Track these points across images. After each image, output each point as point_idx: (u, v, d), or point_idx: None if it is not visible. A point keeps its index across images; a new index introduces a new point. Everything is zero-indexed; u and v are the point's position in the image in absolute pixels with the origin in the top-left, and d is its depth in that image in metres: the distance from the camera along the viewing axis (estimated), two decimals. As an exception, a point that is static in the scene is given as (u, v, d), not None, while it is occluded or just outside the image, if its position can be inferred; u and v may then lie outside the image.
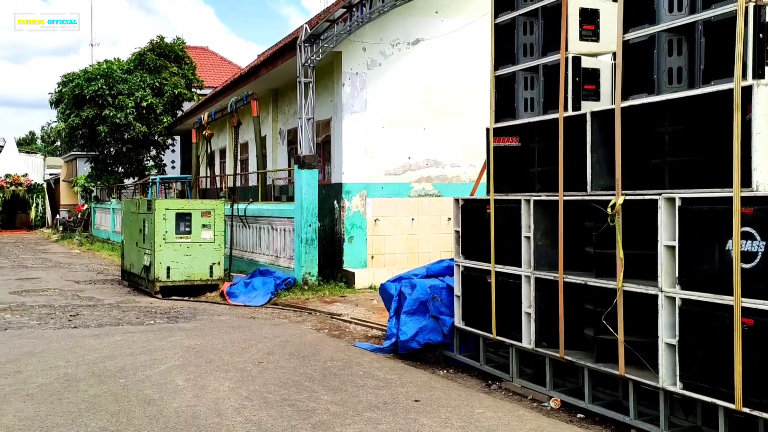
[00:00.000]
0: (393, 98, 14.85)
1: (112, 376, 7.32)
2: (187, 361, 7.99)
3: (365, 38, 14.42)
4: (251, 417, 5.91)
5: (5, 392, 6.67)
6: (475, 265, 7.36)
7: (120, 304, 12.81)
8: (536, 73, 6.61)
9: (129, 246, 15.84)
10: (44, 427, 5.64)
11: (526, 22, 6.73)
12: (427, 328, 8.03)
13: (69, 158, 43.20)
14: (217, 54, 42.60)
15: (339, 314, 11.26)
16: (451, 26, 14.65)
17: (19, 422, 5.75)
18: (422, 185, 15.09)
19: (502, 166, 7.03)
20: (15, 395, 6.57)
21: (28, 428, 5.61)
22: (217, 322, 10.96)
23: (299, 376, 7.35)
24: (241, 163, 23.02)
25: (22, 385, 6.95)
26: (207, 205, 14.40)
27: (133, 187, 30.72)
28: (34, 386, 6.90)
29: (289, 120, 18.76)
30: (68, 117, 29.02)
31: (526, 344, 6.57)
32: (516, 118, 6.83)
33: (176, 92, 29.31)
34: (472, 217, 7.53)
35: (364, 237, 14.58)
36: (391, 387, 6.94)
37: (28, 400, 6.42)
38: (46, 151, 57.29)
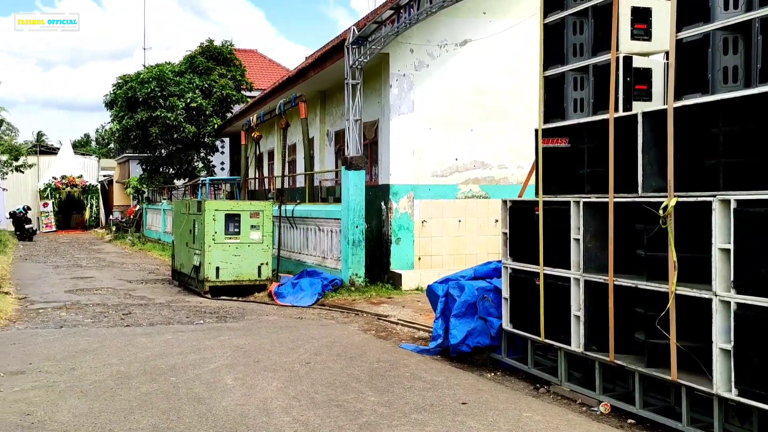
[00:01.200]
0: (440, 99, 14.81)
1: (163, 374, 7.44)
2: (236, 361, 8.08)
3: (413, 39, 14.42)
4: (299, 417, 5.95)
5: (61, 388, 6.84)
6: (524, 267, 7.29)
7: (170, 303, 13.03)
8: (586, 73, 6.52)
9: (179, 246, 16.09)
10: (98, 424, 5.76)
11: (575, 22, 6.65)
12: (476, 331, 7.99)
13: (122, 160, 44.07)
14: (266, 56, 43.00)
15: (386, 315, 11.27)
16: (499, 27, 14.56)
17: (73, 418, 5.89)
18: (469, 187, 15.02)
19: (551, 167, 6.95)
20: (70, 391, 6.73)
21: (82, 424, 5.74)
22: (265, 322, 11.06)
23: (346, 376, 7.38)
24: (289, 164, 23.21)
25: (77, 381, 7.11)
26: (255, 206, 14.55)
27: (183, 188, 31.21)
28: (88, 383, 7.05)
29: (337, 121, 18.86)
30: (122, 119, 29.65)
31: (575, 347, 6.49)
32: (565, 119, 6.75)
33: (225, 94, 29.70)
34: (520, 219, 7.46)
35: (411, 238, 14.57)
36: (438, 389, 6.91)
37: (83, 396, 6.57)
38: (100, 153, 58.57)
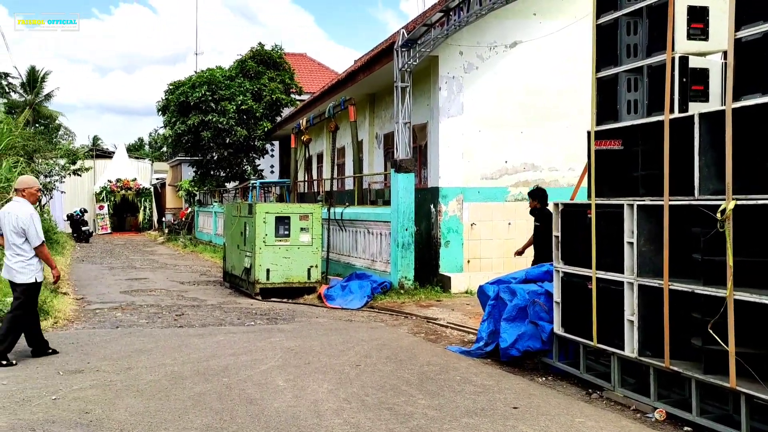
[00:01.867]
0: (490, 101, 14.74)
1: (215, 374, 7.55)
2: (287, 362, 8.15)
3: (462, 42, 14.37)
4: (350, 419, 5.97)
5: (117, 387, 6.99)
6: (575, 270, 7.21)
7: (222, 305, 13.20)
8: (640, 74, 6.42)
9: (230, 248, 16.30)
10: (153, 423, 5.86)
11: (629, 22, 6.55)
12: (526, 335, 7.92)
13: (174, 163, 44.85)
14: (315, 60, 43.33)
15: (435, 318, 11.25)
16: (550, 28, 14.43)
17: (130, 417, 6.01)
18: (519, 189, 14.91)
19: (604, 169, 6.86)
20: (126, 391, 6.87)
21: (138, 423, 5.85)
22: (314, 324, 11.13)
23: (396, 379, 7.38)
24: (338, 167, 23.34)
25: (133, 381, 7.26)
26: (305, 209, 14.66)
27: (233, 191, 31.62)
28: (144, 382, 7.19)
29: (386, 124, 18.90)
30: (174, 124, 30.19)
31: (628, 353, 6.38)
32: (619, 120, 6.65)
33: (274, 98, 30.02)
34: (571, 222, 7.38)
35: (461, 241, 14.52)
36: (488, 393, 6.87)
37: (138, 395, 6.70)
38: (153, 156, 59.73)
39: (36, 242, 8.50)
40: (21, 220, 8.42)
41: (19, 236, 8.44)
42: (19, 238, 8.45)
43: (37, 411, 6.16)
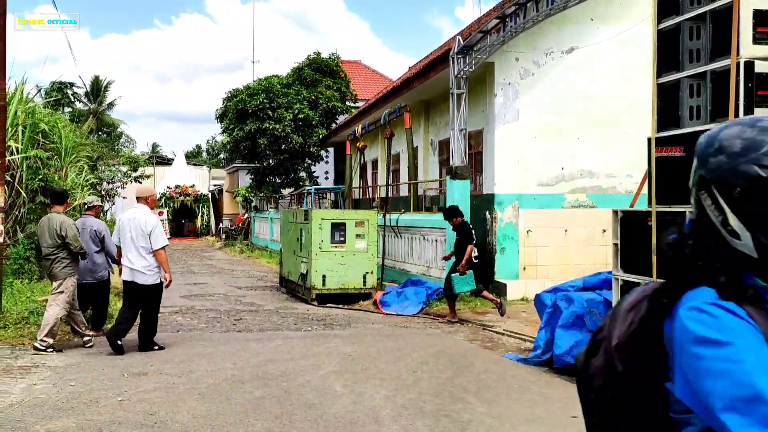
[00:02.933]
0: (546, 108, 14.63)
1: (274, 379, 7.66)
2: (344, 368, 8.22)
3: (518, 48, 14.31)
4: (408, 426, 6.00)
5: (180, 390, 7.15)
6: (636, 279, 7.11)
7: (279, 310, 13.37)
8: (703, 79, 6.32)
9: (287, 254, 16.49)
10: (215, 426, 5.99)
11: (692, 27, 6.45)
12: (582, 343, 7.82)
13: (231, 170, 45.56)
14: (370, 67, 43.62)
15: (491, 325, 11.21)
16: (608, 33, 14.27)
17: (192, 419, 6.15)
18: (576, 196, 14.75)
19: (665, 176, 6.76)
20: (189, 394, 7.02)
21: (201, 426, 5.98)
22: (371, 330, 11.19)
23: (454, 386, 7.38)
24: (393, 173, 23.41)
25: (194, 384, 7.41)
26: (360, 215, 14.75)
27: (289, 197, 32.00)
28: (205, 386, 7.34)
29: (441, 131, 18.91)
30: (232, 131, 30.73)
31: (691, 363, 6.26)
32: (680, 127, 6.55)
33: (330, 105, 30.31)
34: (631, 230, 7.29)
35: (516, 248, 14.43)
36: (547, 401, 6.83)
37: (200, 398, 6.85)
38: (210, 163, 60.82)
39: (161, 244, 9.25)
40: (149, 225, 9.17)
41: (145, 240, 9.14)
42: (145, 242, 9.14)
43: (104, 412, 6.34)
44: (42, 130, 16.68)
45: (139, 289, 9.20)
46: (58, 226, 9.22)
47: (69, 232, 9.22)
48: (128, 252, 9.22)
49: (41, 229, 9.49)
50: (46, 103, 28.29)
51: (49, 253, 9.27)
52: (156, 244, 9.20)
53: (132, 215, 9.34)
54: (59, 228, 9.21)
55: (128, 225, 9.24)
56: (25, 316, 10.30)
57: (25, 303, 11.07)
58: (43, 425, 5.94)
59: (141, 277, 9.16)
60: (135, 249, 9.15)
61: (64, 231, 9.18)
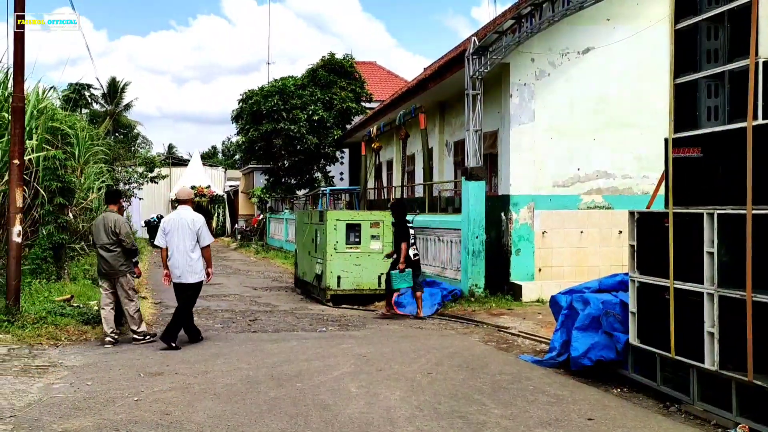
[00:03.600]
0: (561, 109, 14.57)
1: (289, 379, 7.67)
2: (359, 369, 8.22)
3: (534, 48, 14.26)
4: (422, 427, 5.99)
5: (195, 390, 7.18)
6: (652, 280, 7.06)
7: (294, 310, 13.40)
8: (721, 80, 6.26)
9: (302, 255, 16.53)
10: (230, 426, 6.00)
11: (710, 27, 6.40)
12: (599, 345, 7.80)
13: (247, 171, 45.72)
14: (384, 68, 43.61)
15: (506, 327, 11.17)
16: (624, 33, 14.18)
17: (208, 419, 6.17)
18: (592, 197, 14.68)
19: (682, 177, 6.71)
20: (204, 394, 7.05)
21: (216, 426, 6.00)
22: (385, 331, 11.19)
23: (468, 388, 7.36)
24: (408, 174, 23.41)
25: (210, 384, 7.44)
26: (376, 216, 14.76)
27: (304, 198, 32.07)
28: (220, 386, 7.36)
29: (456, 132, 18.88)
30: (247, 132, 30.84)
31: (708, 365, 6.21)
32: (698, 127, 6.50)
33: (345, 106, 30.34)
34: (648, 231, 7.24)
35: (532, 249, 14.38)
36: (562, 404, 6.79)
37: (215, 399, 6.87)
38: (226, 164, 61.03)
39: (208, 242, 9.98)
40: (196, 223, 9.84)
41: (192, 240, 9.76)
42: (192, 241, 9.76)
43: (121, 411, 6.38)
44: (62, 132, 16.83)
45: (186, 288, 9.84)
46: (112, 224, 9.82)
47: (122, 229, 9.84)
48: (176, 253, 9.76)
49: (96, 228, 10.00)
50: (63, 104, 28.50)
51: (107, 250, 9.83)
52: (203, 241, 9.87)
53: (181, 215, 9.91)
54: (114, 225, 9.80)
55: (176, 226, 9.81)
56: (43, 315, 10.38)
57: (43, 303, 11.16)
58: (60, 424, 5.97)
59: (187, 277, 9.78)
60: (183, 249, 9.74)
61: (118, 228, 9.79)
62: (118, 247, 9.85)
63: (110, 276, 9.91)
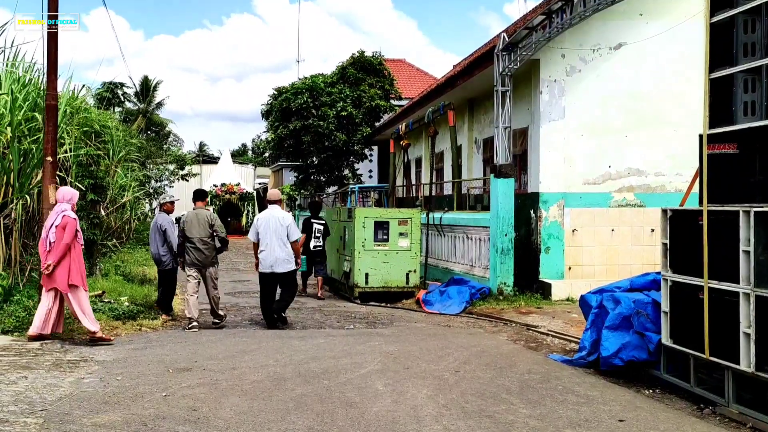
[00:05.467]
0: (592, 105, 14.39)
1: (316, 377, 7.65)
2: (386, 367, 8.18)
3: (564, 44, 14.10)
4: (449, 426, 5.93)
5: (223, 387, 7.18)
6: (686, 279, 6.92)
7: (321, 308, 13.39)
8: (758, 74, 6.11)
9: (330, 252, 16.52)
10: (257, 422, 5.99)
11: (746, 20, 6.25)
12: (630, 345, 7.67)
13: (276, 168, 45.96)
14: (414, 66, 43.54)
15: (535, 326, 11.05)
16: (657, 29, 13.96)
17: (235, 416, 6.16)
18: (623, 195, 14.49)
19: (717, 174, 6.56)
20: (231, 390, 7.05)
21: (243, 422, 5.99)
22: (413, 329, 11.14)
23: (496, 387, 7.28)
24: (437, 172, 23.32)
25: (237, 381, 7.44)
26: (404, 214, 14.71)
27: (333, 195, 32.09)
28: (248, 383, 7.36)
29: (485, 129, 18.75)
30: (277, 128, 30.95)
31: (744, 367, 6.07)
32: (734, 123, 6.35)
33: (374, 104, 30.31)
34: (681, 229, 7.10)
35: (561, 248, 14.22)
36: (592, 404, 6.68)
37: (243, 395, 6.87)
38: (255, 161, 61.34)
39: (297, 236, 11.41)
40: (285, 220, 11.18)
41: (282, 234, 11.01)
42: (283, 236, 11.01)
43: (149, 407, 6.40)
44: (95, 130, 17.01)
45: (278, 276, 11.06)
46: (209, 218, 11.05)
47: (217, 222, 11.15)
48: (269, 245, 11.01)
49: (190, 223, 11.03)
50: (97, 102, 28.82)
51: (202, 243, 10.99)
52: (293, 236, 11.16)
53: (270, 214, 11.21)
54: (209, 219, 11.04)
55: (269, 222, 11.10)
56: (74, 310, 10.46)
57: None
58: (90, 418, 6.01)
59: (280, 266, 10.99)
60: (276, 242, 11.00)
61: (213, 221, 11.05)
62: (212, 240, 11.07)
63: (201, 266, 11.03)
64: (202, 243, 10.98)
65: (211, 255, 11.08)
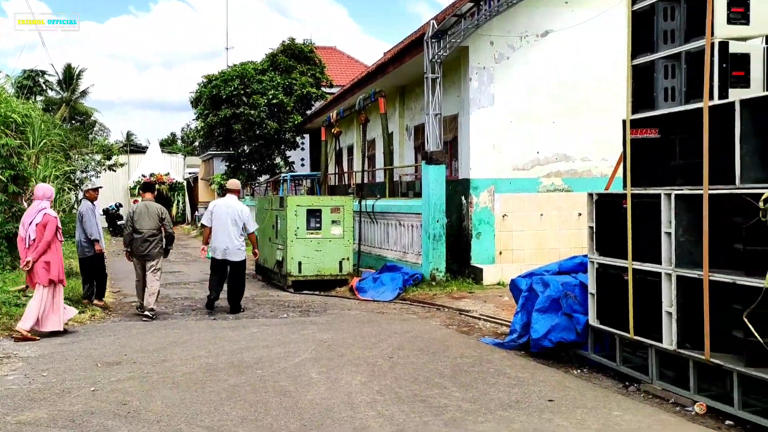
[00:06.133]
0: (521, 92, 14.60)
1: (249, 367, 7.58)
2: (320, 355, 8.16)
3: (493, 32, 14.25)
4: (383, 412, 5.95)
5: (154, 379, 7.05)
6: (611, 261, 7.11)
7: (255, 297, 13.27)
8: (678, 60, 6.29)
9: (262, 241, 16.37)
10: (189, 414, 5.90)
11: (666, 8, 6.41)
12: (559, 327, 7.83)
13: (206, 157, 45.16)
14: (345, 53, 43.34)
15: (467, 310, 11.19)
16: (583, 16, 14.23)
17: (166, 408, 6.05)
18: (551, 180, 14.77)
19: (640, 159, 6.74)
20: (163, 382, 6.93)
21: (175, 414, 5.89)
22: (347, 316, 11.14)
23: (430, 371, 7.35)
24: (369, 159, 23.33)
25: (168, 373, 7.31)
26: (336, 202, 14.67)
27: (265, 184, 31.77)
28: (179, 374, 7.25)
29: (416, 116, 18.83)
30: (206, 116, 30.43)
31: (666, 345, 6.28)
32: (655, 108, 6.52)
33: (305, 92, 30.10)
34: (606, 213, 7.28)
35: (492, 233, 14.42)
36: (523, 385, 6.81)
37: (174, 387, 6.75)
38: (185, 151, 60.18)
39: (254, 228, 11.74)
40: (243, 212, 11.46)
41: (239, 225, 11.33)
42: (237, 227, 11.32)
43: (77, 402, 6.23)
44: (14, 120, 16.38)
45: (230, 266, 11.42)
46: (158, 210, 11.10)
47: (167, 215, 11.22)
48: (222, 234, 11.34)
49: (140, 215, 11.03)
50: (18, 91, 27.78)
51: (151, 234, 11.02)
52: (250, 228, 11.58)
53: (229, 203, 11.51)
54: (159, 211, 11.10)
55: (225, 212, 11.38)
56: (-4, 306, 10.12)
57: (-4, 293, 10.89)
58: (14, 416, 5.82)
59: (234, 255, 11.37)
60: (233, 231, 11.32)
61: (163, 214, 11.13)
62: (160, 232, 11.11)
63: (147, 258, 11.03)
64: (151, 235, 11.03)
65: (158, 247, 11.12)
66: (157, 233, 11.12)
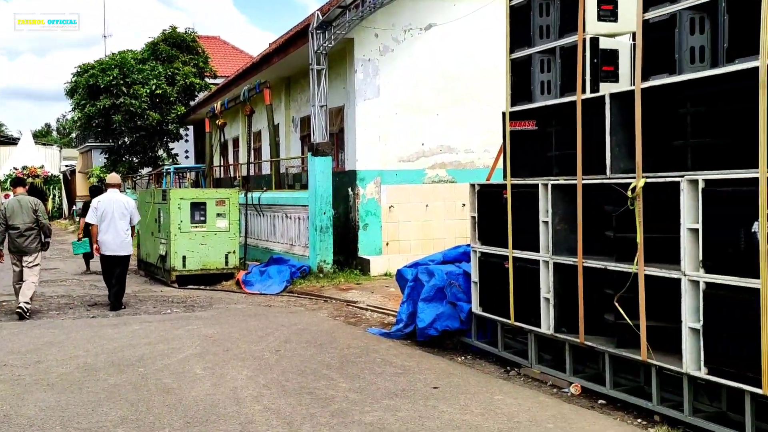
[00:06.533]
0: (406, 84, 14.76)
1: (130, 365, 7.33)
2: (205, 350, 7.99)
3: (377, 24, 14.32)
4: (270, 405, 5.90)
5: (26, 382, 6.70)
6: (493, 250, 7.30)
7: (137, 293, 12.85)
8: (553, 55, 6.51)
9: (145, 236, 15.88)
10: (65, 417, 5.64)
11: (542, 4, 6.61)
12: (444, 315, 7.98)
13: (84, 149, 43.38)
14: (229, 43, 42.59)
15: (355, 302, 11.24)
16: (465, 10, 14.50)
17: (40, 412, 5.77)
18: (436, 171, 15.02)
19: (519, 150, 6.95)
20: (36, 385, 6.59)
21: (49, 418, 5.62)
22: (233, 310, 10.96)
23: (317, 363, 7.33)
24: (255, 151, 23.00)
25: (43, 374, 6.97)
26: (221, 194, 14.40)
27: (147, 177, 30.80)
28: (55, 376, 6.92)
29: (302, 108, 18.71)
30: (83, 107, 29.14)
31: (545, 330, 6.51)
32: (533, 101, 6.74)
33: (188, 82, 29.35)
34: (488, 203, 7.46)
35: (379, 224, 14.53)
36: (409, 374, 6.90)
37: (49, 389, 6.44)
38: (61, 143, 57.51)
39: (138, 219, 11.71)
40: (129, 206, 11.32)
41: (125, 219, 11.14)
42: (125, 220, 11.13)
43: (-62, 410, 5.84)
44: None
45: (119, 260, 11.16)
46: (33, 204, 10.72)
47: (41, 207, 10.85)
48: (111, 229, 11.03)
49: (12, 210, 10.61)
50: None
51: (27, 229, 10.59)
52: (135, 219, 11.43)
53: (114, 197, 11.28)
54: (34, 205, 10.72)
55: (113, 206, 11.11)
56: None
57: None
58: None
59: (123, 249, 11.15)
60: (121, 225, 11.07)
61: (37, 206, 10.75)
62: (37, 226, 10.67)
63: (24, 253, 10.62)
64: (27, 229, 10.62)
65: (36, 242, 10.73)
66: (34, 227, 10.67)
